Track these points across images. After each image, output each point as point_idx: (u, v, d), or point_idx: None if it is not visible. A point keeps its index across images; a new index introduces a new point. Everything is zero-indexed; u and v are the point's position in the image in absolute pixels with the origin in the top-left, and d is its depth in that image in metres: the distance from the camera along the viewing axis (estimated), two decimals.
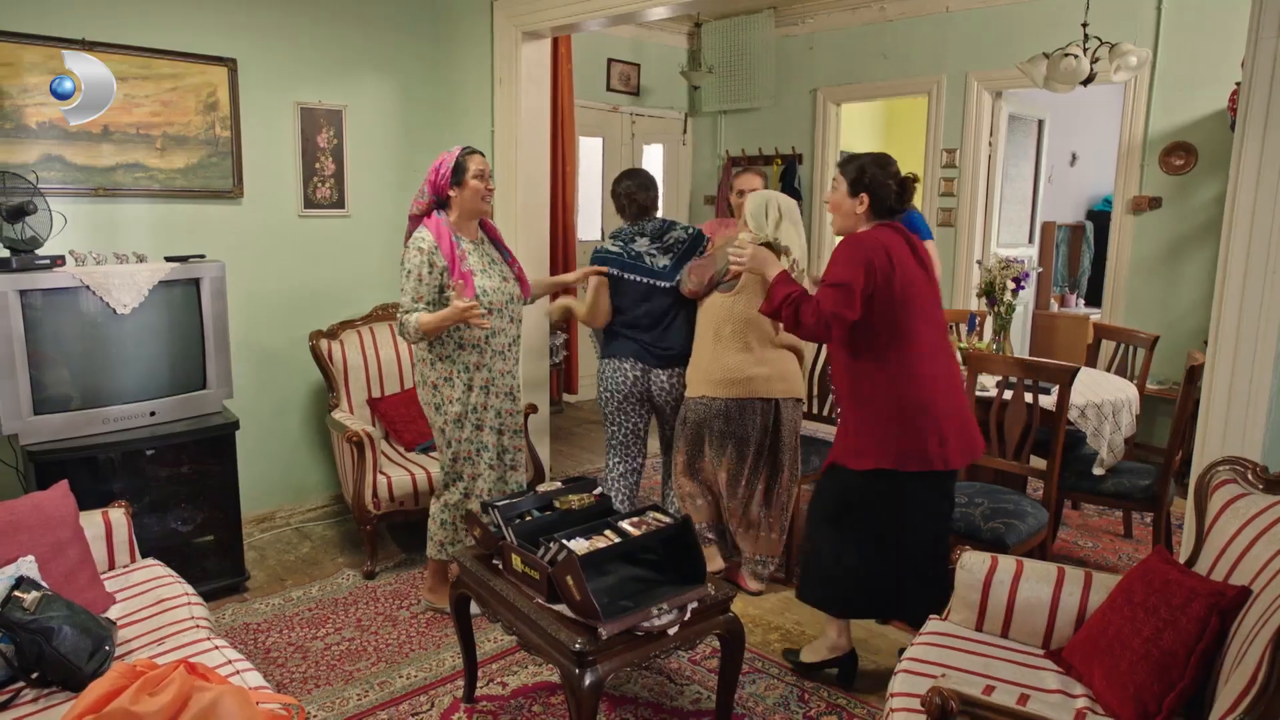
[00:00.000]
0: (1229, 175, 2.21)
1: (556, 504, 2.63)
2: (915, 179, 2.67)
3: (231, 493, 3.51)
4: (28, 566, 2.27)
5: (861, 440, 2.62)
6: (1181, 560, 2.24)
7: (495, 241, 3.30)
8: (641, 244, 3.53)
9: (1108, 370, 4.26)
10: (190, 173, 3.80)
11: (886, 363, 2.58)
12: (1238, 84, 3.44)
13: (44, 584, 2.25)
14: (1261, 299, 2.16)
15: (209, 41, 3.79)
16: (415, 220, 3.14)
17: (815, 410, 4.04)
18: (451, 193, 3.07)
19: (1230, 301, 2.20)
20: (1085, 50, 3.93)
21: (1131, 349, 4.20)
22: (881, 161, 2.64)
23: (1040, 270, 7.01)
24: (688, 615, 2.32)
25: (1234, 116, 2.60)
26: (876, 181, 2.61)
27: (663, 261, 3.51)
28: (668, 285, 3.49)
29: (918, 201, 5.44)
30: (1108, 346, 4.53)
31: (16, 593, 2.13)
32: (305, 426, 4.36)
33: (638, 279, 3.49)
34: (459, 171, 3.06)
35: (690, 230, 3.61)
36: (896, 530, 2.67)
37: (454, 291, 2.90)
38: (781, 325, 2.82)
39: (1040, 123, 6.40)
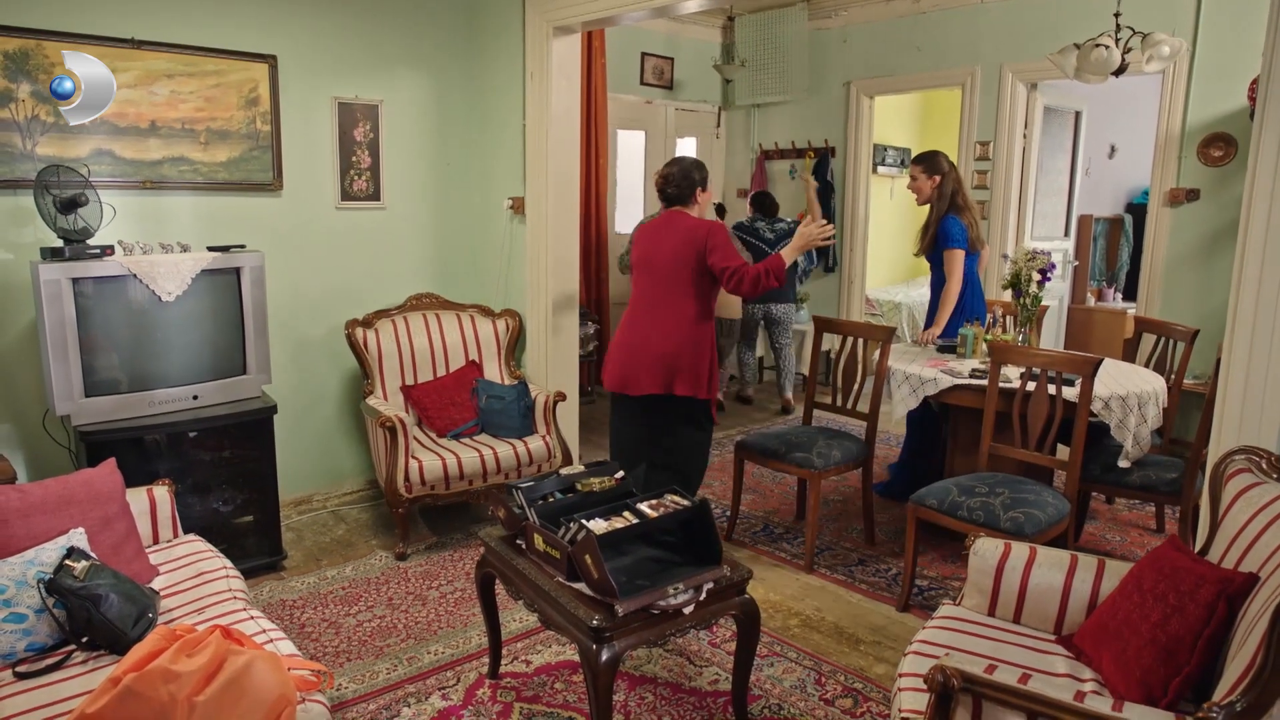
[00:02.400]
0: (1248, 164, 2.20)
1: (578, 486, 2.70)
2: (660, 185, 3.65)
3: (270, 475, 3.64)
4: (78, 538, 2.40)
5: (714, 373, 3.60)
6: (1196, 549, 2.25)
7: None
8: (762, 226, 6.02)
9: (1147, 365, 4.17)
10: (232, 166, 3.94)
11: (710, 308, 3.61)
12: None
13: (93, 554, 2.37)
14: (1279, 289, 2.15)
15: (251, 39, 3.92)
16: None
17: (839, 402, 4.06)
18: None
19: (1247, 291, 2.20)
20: (1117, 40, 3.90)
21: (1172, 343, 4.10)
22: (668, 163, 3.68)
23: (1076, 264, 6.93)
24: (703, 595, 2.37)
25: (1253, 106, 2.58)
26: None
27: (769, 235, 5.95)
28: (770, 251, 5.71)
29: None
30: (1147, 340, 4.42)
31: (68, 561, 2.26)
32: (341, 413, 4.49)
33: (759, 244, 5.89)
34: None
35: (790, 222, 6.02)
36: None
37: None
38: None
39: (1077, 115, 6.34)
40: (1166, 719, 1.65)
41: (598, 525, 2.39)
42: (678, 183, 3.59)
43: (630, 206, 6.85)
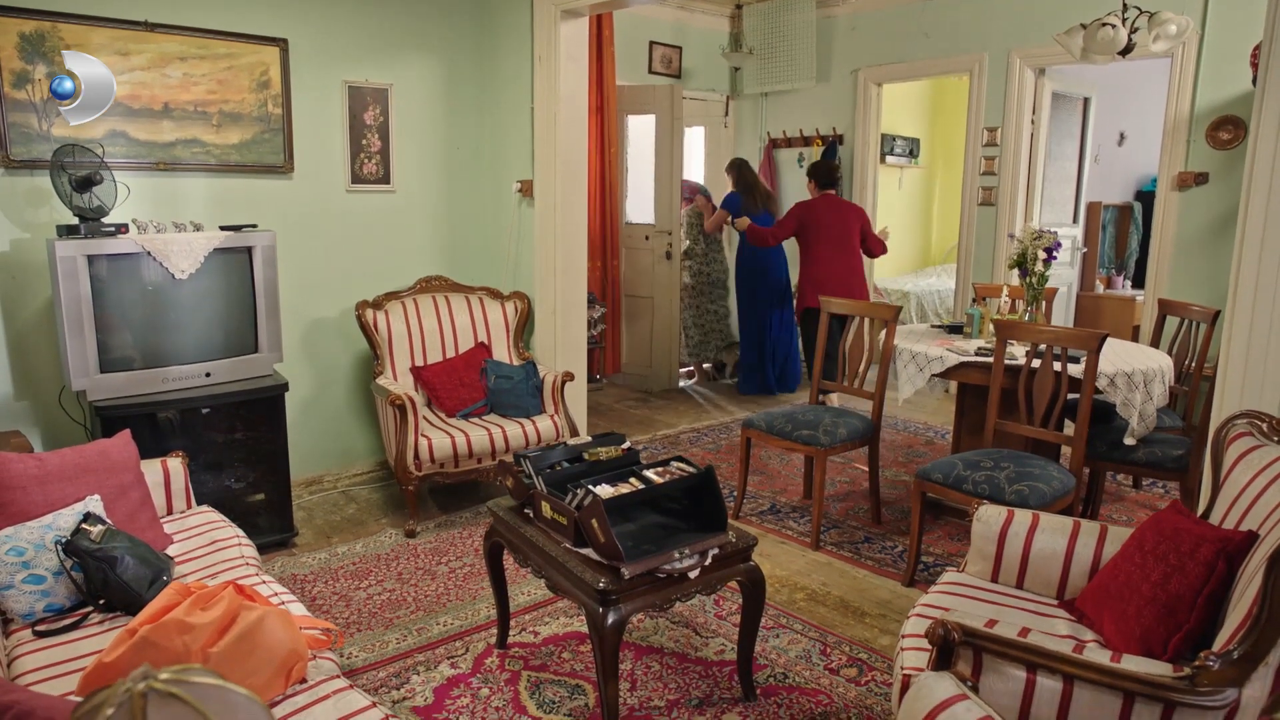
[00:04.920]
0: (1250, 129, 2.21)
1: (585, 456, 2.73)
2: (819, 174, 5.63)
3: (281, 451, 3.68)
4: (94, 504, 2.45)
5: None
6: (1199, 513, 2.27)
7: None
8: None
9: (1170, 348, 4.10)
10: (244, 148, 3.99)
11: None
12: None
13: (108, 520, 2.42)
14: None
15: (262, 22, 3.96)
16: None
17: (845, 382, 4.08)
18: None
19: (1249, 257, 2.21)
20: (1124, 20, 3.90)
21: (1195, 326, 4.04)
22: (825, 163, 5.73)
23: (1084, 251, 6.91)
24: (709, 561, 2.40)
25: (1255, 72, 2.59)
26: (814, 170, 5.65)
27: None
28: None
29: (960, 176, 5.43)
30: (1169, 324, 4.33)
31: (84, 525, 2.31)
32: (352, 394, 4.54)
33: None
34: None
35: None
36: None
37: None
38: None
39: (1086, 101, 6.32)
40: (1164, 668, 1.66)
41: (604, 490, 2.42)
42: (832, 175, 5.61)
43: (642, 190, 6.78)
